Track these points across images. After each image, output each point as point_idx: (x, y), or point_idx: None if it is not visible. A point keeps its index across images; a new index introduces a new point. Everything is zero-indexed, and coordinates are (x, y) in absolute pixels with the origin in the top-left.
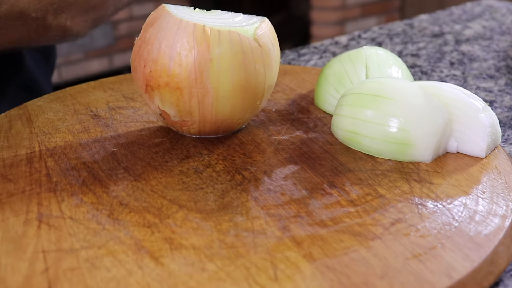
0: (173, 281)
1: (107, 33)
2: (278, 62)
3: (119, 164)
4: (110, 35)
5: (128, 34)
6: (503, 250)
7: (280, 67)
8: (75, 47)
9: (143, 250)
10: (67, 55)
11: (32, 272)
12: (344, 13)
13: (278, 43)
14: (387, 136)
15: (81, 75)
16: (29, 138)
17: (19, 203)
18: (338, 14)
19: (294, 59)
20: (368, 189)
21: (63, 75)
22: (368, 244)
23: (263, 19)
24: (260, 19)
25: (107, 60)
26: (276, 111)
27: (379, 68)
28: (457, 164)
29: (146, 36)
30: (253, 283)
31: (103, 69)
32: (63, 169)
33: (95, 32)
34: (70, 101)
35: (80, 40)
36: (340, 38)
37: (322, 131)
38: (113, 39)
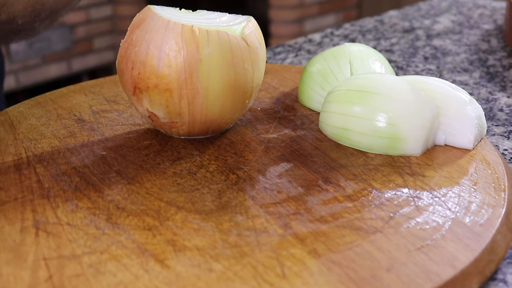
0: (182, 283)
1: (64, 37)
2: (265, 60)
3: (111, 168)
4: (68, 39)
5: (86, 37)
6: (501, 239)
7: None
8: (32, 52)
9: (147, 253)
10: (25, 60)
11: (35, 281)
12: (303, 11)
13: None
14: (377, 131)
15: (40, 80)
16: (14, 145)
17: (13, 211)
18: (297, 12)
19: (270, 57)
20: (363, 184)
21: (21, 81)
22: (370, 238)
23: (249, 18)
24: (246, 18)
25: (65, 64)
26: (261, 109)
27: (362, 64)
28: (446, 157)
29: (132, 38)
30: (262, 281)
31: (62, 73)
32: (54, 175)
33: (52, 36)
34: (51, 106)
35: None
36: (313, 36)
37: (310, 128)
38: (71, 43)
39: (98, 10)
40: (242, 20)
